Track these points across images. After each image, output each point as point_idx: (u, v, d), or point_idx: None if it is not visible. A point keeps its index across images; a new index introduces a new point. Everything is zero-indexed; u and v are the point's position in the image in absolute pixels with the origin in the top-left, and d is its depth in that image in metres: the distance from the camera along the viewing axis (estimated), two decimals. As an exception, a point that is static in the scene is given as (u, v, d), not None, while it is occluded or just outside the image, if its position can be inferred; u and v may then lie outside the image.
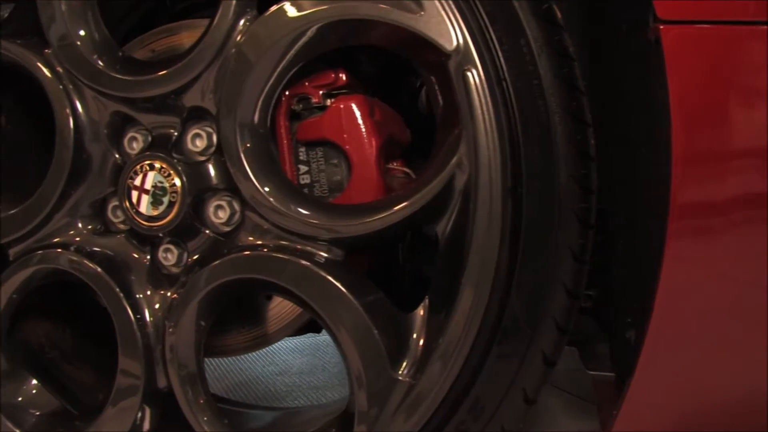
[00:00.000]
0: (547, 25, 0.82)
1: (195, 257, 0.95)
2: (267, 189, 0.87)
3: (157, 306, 0.96)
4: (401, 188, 0.98)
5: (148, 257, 0.98)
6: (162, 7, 1.25)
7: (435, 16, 0.81)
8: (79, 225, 1.00)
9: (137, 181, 0.94)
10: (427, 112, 1.32)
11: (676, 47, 0.75)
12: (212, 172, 0.93)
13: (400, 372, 0.85)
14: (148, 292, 0.97)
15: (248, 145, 0.88)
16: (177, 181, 0.92)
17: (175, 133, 0.95)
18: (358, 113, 0.93)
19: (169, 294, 0.95)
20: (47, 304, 1.14)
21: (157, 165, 0.93)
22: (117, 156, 0.98)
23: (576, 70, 0.83)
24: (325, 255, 0.88)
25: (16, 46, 0.99)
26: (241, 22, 0.89)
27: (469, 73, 0.81)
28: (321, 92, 0.95)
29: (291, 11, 0.85)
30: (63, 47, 0.95)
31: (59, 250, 0.99)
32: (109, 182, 0.99)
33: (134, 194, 0.94)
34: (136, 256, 0.99)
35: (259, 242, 0.91)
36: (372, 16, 0.82)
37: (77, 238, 1.00)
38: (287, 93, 0.95)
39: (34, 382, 1.06)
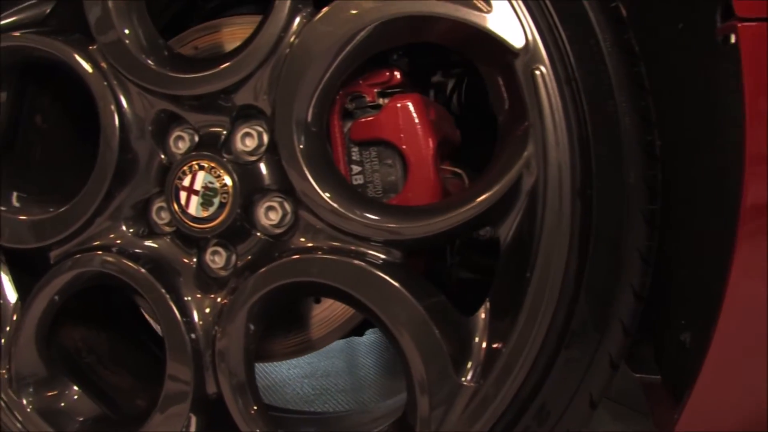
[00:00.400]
0: (615, 23, 0.80)
1: (245, 260, 0.93)
2: (327, 191, 0.85)
3: (207, 310, 0.93)
4: (453, 188, 0.96)
5: (195, 260, 0.96)
6: (192, 6, 1.23)
7: (504, 14, 0.79)
8: (123, 227, 0.98)
9: (186, 182, 0.91)
10: (459, 113, 1.31)
11: (754, 45, 0.74)
12: (263, 172, 0.91)
13: (463, 376, 0.83)
14: (197, 296, 0.94)
15: (305, 145, 0.86)
16: (228, 182, 0.89)
17: (224, 132, 0.92)
18: (415, 112, 0.91)
19: (219, 299, 0.93)
20: (82, 307, 1.11)
21: (207, 165, 0.90)
22: (162, 156, 0.96)
23: (643, 69, 0.82)
24: (382, 256, 0.86)
25: (58, 43, 0.96)
26: (297, 19, 0.86)
27: (537, 72, 0.79)
28: (375, 91, 0.93)
29: (352, 8, 0.83)
30: (110, 44, 0.93)
31: (102, 252, 0.96)
32: (154, 183, 0.96)
33: (183, 195, 0.92)
34: (182, 258, 0.97)
35: (312, 244, 0.89)
36: (438, 14, 0.80)
37: (121, 241, 0.98)
38: (341, 91, 0.93)
39: (76, 387, 1.03)
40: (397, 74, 0.93)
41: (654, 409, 1.00)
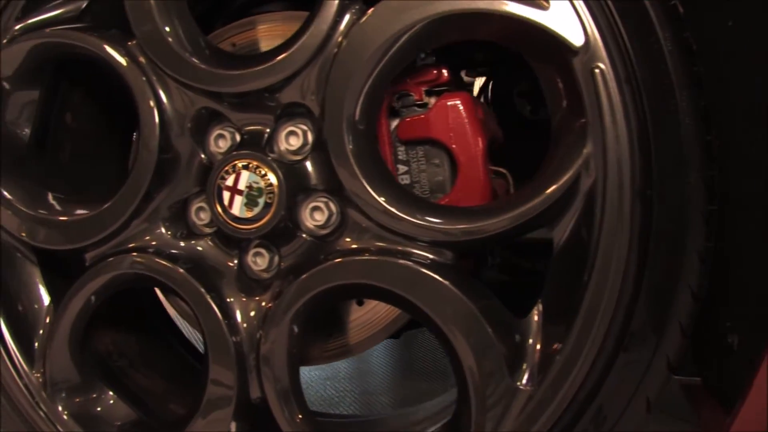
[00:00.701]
0: (675, 21, 0.79)
1: (288, 262, 0.91)
2: (380, 193, 0.83)
3: (252, 313, 0.91)
4: (498, 189, 0.95)
5: (236, 261, 0.94)
6: (220, 3, 1.21)
7: (563, 11, 0.78)
8: (161, 228, 0.95)
9: (229, 182, 0.89)
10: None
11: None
12: (309, 171, 0.89)
13: (519, 379, 0.82)
14: (241, 298, 0.92)
15: (355, 144, 0.85)
16: (274, 181, 0.87)
17: (267, 131, 0.91)
18: (464, 111, 0.89)
19: (263, 303, 0.91)
20: (111, 310, 1.08)
21: (252, 164, 0.88)
22: (202, 155, 0.94)
23: (701, 68, 0.81)
24: (433, 257, 0.84)
25: (94, 38, 0.94)
26: (346, 16, 0.85)
27: (597, 71, 0.78)
28: (423, 89, 0.91)
29: (405, 5, 0.81)
30: (151, 40, 0.90)
31: (140, 254, 0.94)
32: (194, 183, 0.94)
33: (226, 195, 0.90)
34: (222, 260, 0.95)
35: (359, 245, 0.87)
36: (496, 11, 0.79)
37: (159, 242, 0.95)
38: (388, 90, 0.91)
39: (110, 392, 1.00)
40: (445, 73, 0.92)
41: (700, 412, 0.99)
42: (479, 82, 1.39)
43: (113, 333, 1.09)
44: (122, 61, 0.92)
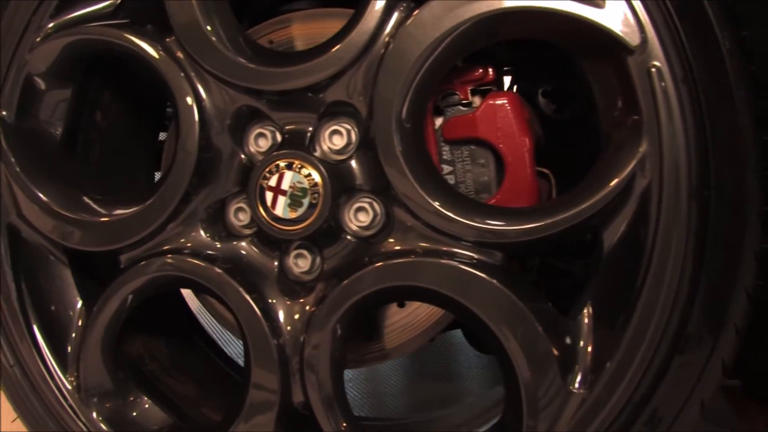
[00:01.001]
0: (733, 20, 0.78)
1: (331, 264, 0.89)
2: (435, 197, 0.81)
3: (296, 317, 0.90)
4: (543, 189, 0.94)
5: (276, 263, 0.92)
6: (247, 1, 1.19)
7: (619, 10, 0.77)
8: (199, 229, 0.93)
9: (272, 182, 0.87)
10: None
11: None
12: (354, 171, 0.88)
13: (571, 382, 0.81)
14: (285, 300, 0.90)
15: (404, 144, 0.83)
16: (319, 181, 0.86)
17: (310, 130, 0.89)
18: (512, 111, 0.88)
19: (307, 307, 0.89)
20: (141, 312, 1.06)
21: (296, 163, 0.87)
22: (242, 155, 0.92)
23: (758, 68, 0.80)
24: (483, 258, 0.83)
25: (130, 34, 0.92)
26: (394, 15, 0.83)
27: (654, 70, 0.77)
28: (469, 88, 0.90)
29: (456, 3, 0.80)
30: (190, 35, 0.88)
31: (178, 255, 0.92)
32: (234, 183, 0.92)
33: (269, 196, 0.88)
34: (263, 262, 0.93)
35: (405, 246, 0.86)
36: (550, 9, 0.78)
37: (197, 243, 0.93)
38: (433, 88, 0.90)
39: (145, 396, 0.98)
40: (491, 71, 0.91)
41: (742, 415, 0.99)
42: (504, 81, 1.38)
43: (143, 336, 1.07)
44: (158, 56, 0.90)
